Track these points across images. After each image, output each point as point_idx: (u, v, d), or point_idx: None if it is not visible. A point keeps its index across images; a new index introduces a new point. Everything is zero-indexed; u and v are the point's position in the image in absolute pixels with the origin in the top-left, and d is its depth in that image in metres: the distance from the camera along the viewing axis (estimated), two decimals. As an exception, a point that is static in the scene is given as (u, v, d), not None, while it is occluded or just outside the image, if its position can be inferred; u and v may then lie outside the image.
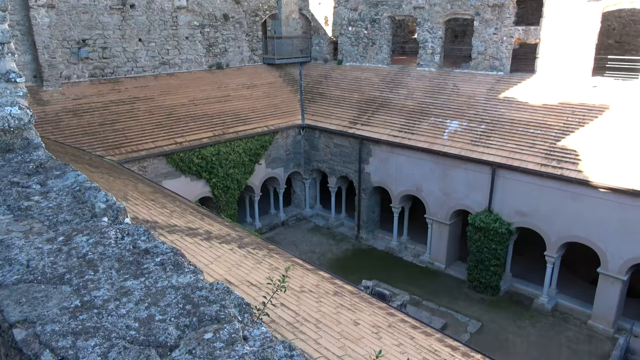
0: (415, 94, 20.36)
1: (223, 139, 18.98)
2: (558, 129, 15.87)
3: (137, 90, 19.36)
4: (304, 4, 25.69)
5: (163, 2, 20.39)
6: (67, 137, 15.82)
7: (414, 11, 21.48)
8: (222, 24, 22.77)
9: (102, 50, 18.99)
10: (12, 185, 2.31)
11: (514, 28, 18.80)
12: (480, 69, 19.95)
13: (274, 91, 23.24)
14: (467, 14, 20.04)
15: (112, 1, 18.89)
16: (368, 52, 23.60)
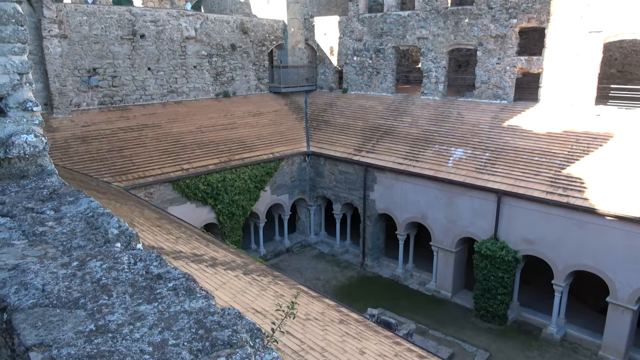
0: (420, 122, 20.54)
1: (229, 166, 19.12)
2: (563, 157, 15.90)
3: (145, 117, 19.65)
4: (310, 34, 26.23)
5: (172, 32, 20.89)
6: (75, 164, 15.99)
7: (418, 42, 21.87)
8: (229, 54, 23.24)
9: (112, 78, 19.37)
10: (27, 211, 2.36)
11: (517, 58, 19.06)
12: (484, 97, 20.16)
13: (280, 119, 23.51)
14: (470, 44, 20.38)
15: (123, 31, 19.38)
16: (373, 81, 23.93)
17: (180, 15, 21.26)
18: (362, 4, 24.08)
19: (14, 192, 2.66)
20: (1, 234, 2.08)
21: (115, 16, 19.10)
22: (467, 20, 20.11)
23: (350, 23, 24.34)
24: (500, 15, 19.12)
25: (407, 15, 22.17)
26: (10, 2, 3.03)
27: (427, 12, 21.30)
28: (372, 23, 23.48)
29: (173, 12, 21.17)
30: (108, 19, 18.91)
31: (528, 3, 18.36)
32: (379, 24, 23.18)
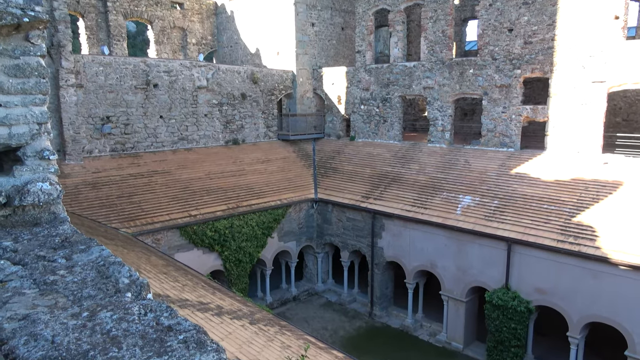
0: (427, 169, 20.62)
1: (237, 212, 19.15)
2: (572, 204, 15.79)
3: (155, 164, 19.93)
4: (318, 84, 26.89)
5: (185, 82, 21.52)
6: (85, 210, 16.10)
7: (424, 91, 22.32)
8: (239, 102, 23.81)
9: (125, 126, 19.82)
10: (39, 259, 2.37)
11: (522, 107, 19.34)
12: (490, 145, 20.31)
13: (288, 166, 23.73)
14: (475, 93, 20.76)
15: (138, 81, 20.00)
16: (380, 129, 24.27)
17: (193, 66, 21.97)
18: (368, 56, 24.80)
19: (27, 239, 2.68)
20: (13, 283, 2.08)
21: (130, 67, 19.77)
22: (472, 70, 20.58)
23: (357, 73, 24.98)
24: (504, 66, 19.57)
25: (412, 66, 22.76)
26: (35, 57, 3.16)
27: (433, 63, 21.85)
28: (378, 73, 24.09)
29: (186, 63, 21.90)
30: (123, 69, 19.57)
31: (531, 54, 18.81)
32: (386, 74, 23.77)
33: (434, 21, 21.69)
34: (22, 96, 3.11)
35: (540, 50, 18.59)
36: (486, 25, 19.99)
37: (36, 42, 3.24)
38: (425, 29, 22.09)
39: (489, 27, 19.92)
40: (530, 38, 18.81)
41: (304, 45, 26.46)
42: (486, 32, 20.03)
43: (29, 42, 3.21)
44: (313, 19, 26.79)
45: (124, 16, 26.31)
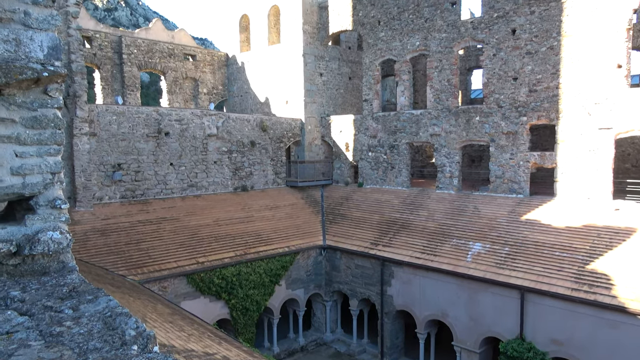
0: (436, 216, 20.50)
1: (244, 259, 18.99)
2: (585, 252, 15.50)
3: (164, 211, 20.02)
4: (326, 131, 27.30)
5: (196, 130, 21.96)
6: (93, 256, 16.08)
7: (431, 138, 22.55)
8: (249, 150, 24.15)
9: (135, 173, 20.09)
10: (46, 309, 2.36)
11: (530, 153, 19.40)
12: (499, 191, 20.25)
13: (296, 212, 23.72)
14: (482, 140, 20.92)
15: (149, 129, 20.44)
16: (388, 176, 24.37)
17: (203, 114, 22.49)
18: (375, 104, 25.27)
19: (34, 289, 2.67)
20: (19, 334, 2.06)
21: (143, 116, 20.27)
22: (478, 118, 20.84)
23: (365, 121, 25.38)
24: (510, 113, 19.81)
25: (419, 113, 23.11)
26: (52, 109, 3.27)
27: (439, 110, 22.19)
28: (386, 121, 24.45)
29: (197, 112, 22.42)
30: (136, 118, 20.06)
31: (536, 102, 19.07)
32: (393, 121, 24.13)
33: (439, 71, 22.20)
34: (37, 147, 3.19)
35: (545, 98, 18.85)
36: (491, 74, 20.41)
37: (54, 95, 3.36)
38: (431, 78, 22.59)
39: (493, 76, 20.33)
40: (535, 86, 19.13)
41: (312, 94, 27.08)
42: (491, 81, 20.42)
43: (47, 95, 3.33)
44: (321, 69, 27.55)
45: (138, 67, 27.24)
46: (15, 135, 3.11)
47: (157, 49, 27.98)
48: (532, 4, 18.94)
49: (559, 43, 18.35)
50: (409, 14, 23.09)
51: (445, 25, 21.78)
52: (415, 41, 22.95)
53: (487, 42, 20.44)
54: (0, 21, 3.22)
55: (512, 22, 19.57)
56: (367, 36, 25.14)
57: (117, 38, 26.53)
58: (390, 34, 23.99)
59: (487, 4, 20.35)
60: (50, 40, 3.39)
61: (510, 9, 19.57)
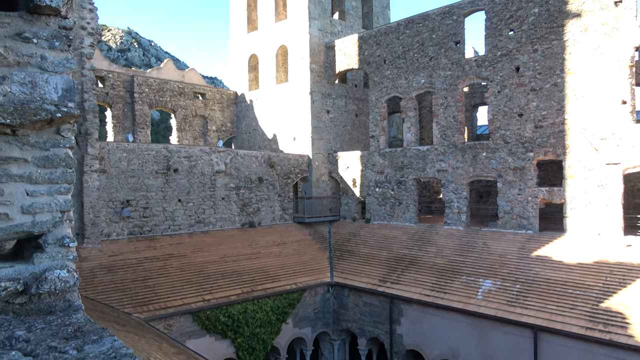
0: (445, 252, 20.27)
1: (251, 297, 18.77)
2: (598, 289, 15.17)
3: (171, 247, 19.99)
4: (334, 167, 27.45)
5: (204, 167, 22.18)
6: (99, 294, 15.98)
7: (438, 174, 22.57)
8: (256, 186, 24.27)
9: (144, 209, 20.19)
10: (50, 350, 2.35)
11: (538, 189, 19.32)
12: (508, 227, 20.06)
13: (304, 248, 23.57)
14: (489, 176, 20.90)
15: (159, 166, 20.67)
16: (395, 212, 24.29)
17: (212, 151, 22.76)
18: (382, 140, 25.47)
19: (40, 329, 2.67)
20: (22, 376, 2.05)
21: (152, 153, 20.56)
22: (485, 153, 20.89)
23: (371, 157, 25.53)
24: (517, 149, 19.85)
25: (426, 149, 23.23)
26: (64, 148, 3.35)
27: (445, 146, 22.30)
28: (392, 157, 24.58)
29: (206, 149, 22.71)
30: (146, 155, 20.33)
31: (542, 138, 19.14)
32: (400, 157, 24.24)
33: (444, 107, 22.45)
34: (48, 185, 3.25)
35: (551, 134, 18.92)
36: (496, 111, 20.60)
37: (66, 135, 3.45)
38: (437, 114, 22.82)
39: (499, 112, 20.51)
40: (541, 122, 19.24)
41: (319, 131, 27.40)
42: (497, 117, 20.58)
43: (59, 135, 3.42)
44: (328, 106, 27.97)
45: (149, 106, 27.82)
46: (27, 174, 3.17)
47: (168, 87, 28.64)
48: (535, 43, 19.29)
49: (563, 80, 18.57)
50: (413, 52, 23.57)
51: (449, 63, 22.18)
52: (421, 79, 23.33)
53: (491, 80, 20.73)
54: (18, 65, 3.35)
55: (515, 60, 19.90)
56: (373, 74, 25.61)
57: (129, 77, 27.24)
58: (395, 72, 24.43)
59: (490, 43, 20.76)
60: (64, 83, 3.50)
61: (514, 48, 19.93)
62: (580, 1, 18.07)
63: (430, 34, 22.83)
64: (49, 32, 3.45)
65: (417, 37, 23.39)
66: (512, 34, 20.02)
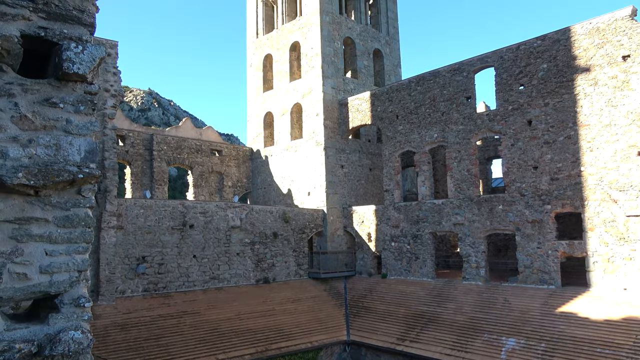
0: (465, 309, 19.65)
1: (265, 356, 18.24)
2: (628, 348, 14.44)
3: (185, 304, 19.76)
4: (348, 222, 27.35)
5: (219, 222, 22.29)
6: (111, 353, 15.70)
7: (454, 227, 22.31)
8: (271, 241, 24.20)
9: (159, 266, 20.18)
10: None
11: (558, 242, 18.91)
12: (529, 282, 19.49)
13: (319, 305, 23.08)
14: (507, 229, 20.58)
15: (175, 222, 20.85)
16: (412, 266, 23.86)
17: (227, 207, 22.94)
18: (397, 194, 25.46)
19: (51, 392, 2.63)
20: None
21: (169, 209, 20.80)
22: (501, 207, 20.69)
23: (386, 211, 25.43)
24: (534, 201, 19.65)
25: (441, 203, 23.11)
26: (84, 208, 3.44)
27: (461, 200, 22.18)
28: (408, 211, 24.46)
29: (221, 205, 22.92)
30: (162, 211, 20.57)
31: (559, 190, 18.95)
32: (415, 211, 24.11)
33: (458, 161, 22.53)
34: (67, 245, 3.31)
35: (567, 186, 18.75)
36: (510, 164, 20.59)
37: (87, 195, 3.54)
38: (451, 168, 22.87)
39: (513, 165, 20.49)
40: (556, 175, 19.12)
41: (334, 186, 27.56)
42: (511, 170, 20.54)
43: (80, 195, 3.51)
44: (342, 161, 28.29)
45: (167, 163, 28.46)
46: (47, 234, 3.25)
47: (186, 145, 29.39)
48: (546, 97, 19.55)
49: (576, 132, 18.62)
50: (425, 108, 24.01)
51: (461, 118, 22.48)
52: (433, 133, 23.60)
53: (504, 133, 20.89)
54: (44, 128, 3.51)
55: (527, 114, 20.10)
56: (386, 129, 26.02)
57: (148, 136, 28.08)
58: (408, 127, 24.80)
59: (501, 97, 21.09)
60: (87, 145, 3.64)
61: (525, 102, 20.20)
62: (588, 56, 18.43)
63: (441, 90, 23.33)
64: (75, 97, 3.63)
65: (428, 93, 23.90)
66: (522, 89, 20.36)
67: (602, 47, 18.05)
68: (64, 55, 3.45)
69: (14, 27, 3.40)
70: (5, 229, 3.11)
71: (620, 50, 17.55)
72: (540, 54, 19.80)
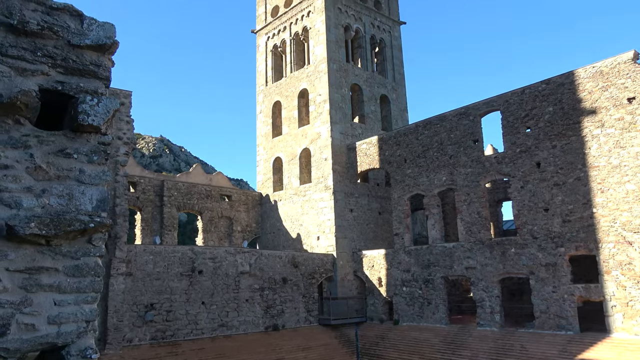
0: (481, 357, 19.00)
1: (274, 408, 17.62)
2: (655, 398, 13.76)
3: (193, 353, 19.33)
4: (358, 266, 27.01)
5: (228, 268, 22.13)
6: (116, 405, 15.27)
7: (466, 271, 21.92)
8: (280, 287, 23.89)
9: (167, 313, 19.91)
10: None
11: (573, 286, 18.46)
12: (546, 328, 18.89)
13: (330, 353, 22.46)
14: (521, 273, 20.18)
15: (184, 268, 20.73)
16: (424, 312, 23.30)
17: (237, 252, 22.84)
18: (407, 238, 25.23)
19: None
20: None
21: (178, 255, 20.74)
22: (514, 250, 20.37)
23: (397, 255, 25.12)
24: (546, 244, 19.34)
25: (452, 246, 22.83)
26: (94, 257, 3.46)
27: (472, 243, 21.90)
28: (418, 255, 24.14)
29: (231, 250, 22.83)
30: (172, 257, 20.51)
31: (572, 232, 18.68)
32: (426, 255, 23.79)
33: (468, 204, 22.41)
34: (76, 295, 3.31)
35: (580, 228, 18.48)
36: (521, 206, 20.43)
37: (97, 244, 3.58)
38: (461, 211, 22.73)
39: (524, 207, 20.32)
40: (568, 216, 18.90)
41: (343, 230, 27.42)
42: (522, 212, 20.36)
43: (90, 244, 3.55)
44: (351, 205, 28.27)
45: (177, 208, 28.62)
46: (56, 284, 3.26)
47: (196, 190, 29.63)
48: (553, 139, 19.62)
49: (586, 174, 18.55)
50: (433, 151, 24.15)
51: (469, 161, 22.55)
52: (442, 176, 23.62)
53: (513, 175, 20.86)
54: (58, 178, 3.59)
55: (535, 156, 20.12)
56: (394, 173, 26.12)
57: (159, 182, 28.40)
58: (416, 170, 24.88)
59: (508, 140, 21.20)
60: (99, 194, 3.71)
61: (532, 144, 20.27)
62: (593, 99, 18.62)
63: (449, 134, 23.53)
64: (88, 148, 3.72)
65: (435, 137, 24.11)
66: (529, 131, 20.49)
67: (606, 90, 18.25)
68: (80, 107, 3.57)
69: (33, 81, 3.55)
70: (16, 278, 3.12)
71: (625, 92, 17.73)
72: (545, 97, 20.04)
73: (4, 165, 3.35)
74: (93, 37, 3.79)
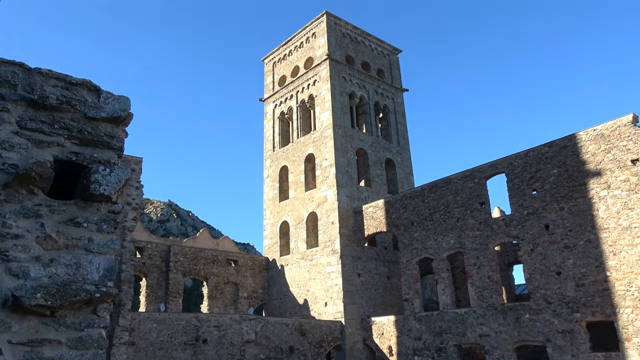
0: None
1: None
2: None
3: None
4: (368, 334, 26.11)
5: (234, 336, 21.47)
6: None
7: (480, 339, 21.10)
8: (287, 356, 23.00)
9: (168, 385, 19.11)
10: None
11: (593, 354, 17.65)
12: (568, 401, 17.84)
13: None
14: (537, 340, 19.39)
15: (188, 337, 20.14)
16: (438, 383, 22.18)
17: (242, 319, 22.25)
18: (417, 303, 24.56)
19: None
20: None
21: (182, 322, 20.24)
22: (528, 315, 19.72)
23: (407, 322, 24.34)
24: (561, 309, 18.73)
25: (464, 312, 22.14)
26: (98, 328, 3.41)
27: (484, 309, 21.25)
28: (429, 321, 23.38)
29: (236, 317, 22.25)
30: (176, 325, 19.99)
31: (587, 297, 18.14)
32: (437, 322, 23.03)
33: (477, 267, 22.00)
34: (78, 369, 3.21)
35: (595, 293, 17.95)
36: (532, 270, 20.01)
37: (102, 314, 3.53)
38: (471, 275, 22.27)
39: (535, 271, 19.90)
40: (582, 280, 18.43)
41: (351, 295, 26.79)
42: (534, 276, 19.91)
43: (95, 315, 3.50)
44: (359, 269, 27.81)
45: (183, 274, 28.27)
46: (58, 357, 3.18)
47: (202, 255, 29.40)
48: (560, 201, 19.56)
49: (597, 236, 18.29)
50: (440, 214, 24.07)
51: (477, 223, 22.39)
52: (450, 239, 23.37)
53: (522, 238, 20.60)
54: (67, 248, 3.60)
55: (543, 218, 19.97)
56: (401, 236, 25.89)
57: (166, 247, 28.28)
58: (424, 233, 24.67)
59: (515, 202, 21.16)
60: (106, 263, 3.70)
61: (539, 206, 20.19)
62: (597, 161, 18.75)
63: (455, 196, 23.56)
64: (99, 217, 3.76)
65: (442, 199, 24.12)
66: (535, 194, 20.48)
67: (609, 152, 18.41)
68: (92, 177, 3.64)
69: (49, 152, 3.66)
70: (17, 352, 3.06)
71: (628, 154, 17.87)
72: (549, 160, 20.21)
73: (15, 235, 3.38)
74: (109, 110, 3.95)
